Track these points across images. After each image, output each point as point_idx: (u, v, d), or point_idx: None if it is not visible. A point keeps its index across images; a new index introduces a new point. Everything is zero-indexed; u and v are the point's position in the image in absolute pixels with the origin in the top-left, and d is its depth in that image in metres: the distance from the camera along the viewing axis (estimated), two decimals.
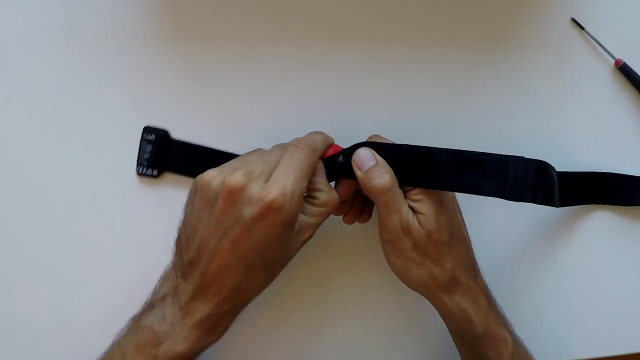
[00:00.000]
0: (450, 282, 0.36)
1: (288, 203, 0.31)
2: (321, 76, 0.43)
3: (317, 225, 0.35)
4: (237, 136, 0.42)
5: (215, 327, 0.34)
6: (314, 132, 0.38)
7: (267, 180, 0.32)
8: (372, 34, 0.44)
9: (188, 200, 0.35)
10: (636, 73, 0.46)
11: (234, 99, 0.43)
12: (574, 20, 0.46)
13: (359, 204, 0.40)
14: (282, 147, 0.35)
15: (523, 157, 0.35)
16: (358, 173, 0.36)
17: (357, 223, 0.41)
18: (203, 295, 0.33)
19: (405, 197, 0.36)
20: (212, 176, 0.33)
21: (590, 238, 0.46)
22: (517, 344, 0.38)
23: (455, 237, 0.36)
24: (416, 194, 0.35)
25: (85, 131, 0.42)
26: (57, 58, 0.41)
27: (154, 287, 0.36)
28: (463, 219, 0.38)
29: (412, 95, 0.44)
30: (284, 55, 0.43)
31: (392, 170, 0.36)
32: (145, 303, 0.35)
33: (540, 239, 0.45)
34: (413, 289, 0.38)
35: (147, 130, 0.42)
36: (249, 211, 0.31)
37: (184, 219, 0.35)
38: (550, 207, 0.37)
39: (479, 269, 0.39)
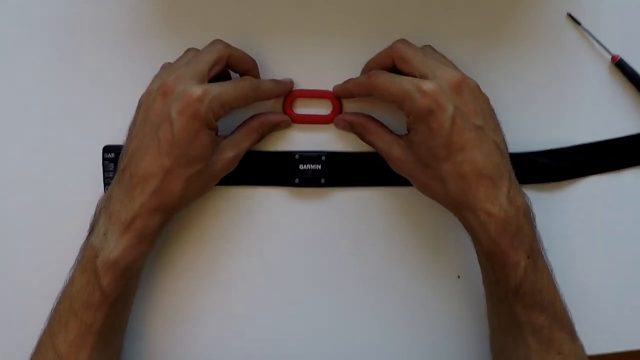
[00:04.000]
0: (455, 200, 0.37)
1: (207, 102, 0.35)
2: (314, 70, 0.43)
3: (236, 153, 0.39)
4: None
5: (144, 233, 0.36)
6: (275, 80, 0.42)
7: (199, 83, 0.36)
8: (367, 29, 0.43)
9: (133, 117, 0.38)
10: (633, 69, 0.44)
11: None
12: (570, 15, 0.44)
13: None
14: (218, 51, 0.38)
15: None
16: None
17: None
18: (130, 197, 0.35)
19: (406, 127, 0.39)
20: (151, 87, 0.37)
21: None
22: (537, 271, 0.37)
23: (454, 157, 0.36)
24: (410, 122, 0.37)
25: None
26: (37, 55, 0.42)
27: None
28: (478, 137, 0.37)
29: None
30: (272, 50, 0.43)
31: (362, 122, 0.41)
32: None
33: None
34: None
35: (107, 149, 0.42)
36: (175, 106, 0.35)
37: (127, 135, 0.38)
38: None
39: (513, 190, 0.37)
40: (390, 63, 0.39)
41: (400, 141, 0.39)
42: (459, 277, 0.44)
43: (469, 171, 0.36)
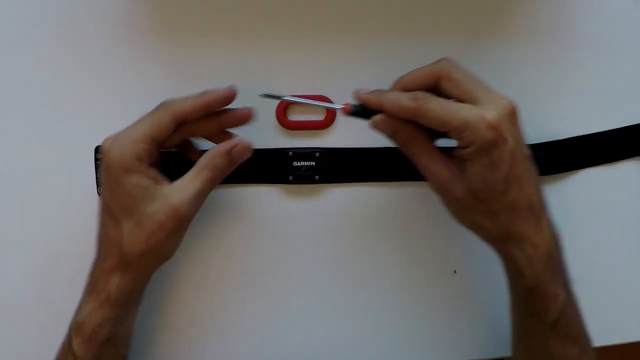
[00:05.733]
0: (504, 234, 0.35)
1: (115, 147, 0.34)
2: (308, 76, 0.43)
3: (182, 198, 0.35)
4: None
5: (103, 295, 0.35)
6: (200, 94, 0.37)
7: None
8: (361, 24, 0.43)
9: None
10: None
11: None
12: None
13: None
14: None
15: None
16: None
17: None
18: (96, 263, 0.36)
19: (456, 154, 0.35)
20: None
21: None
22: (570, 302, 0.37)
23: (511, 191, 0.34)
24: (469, 153, 0.34)
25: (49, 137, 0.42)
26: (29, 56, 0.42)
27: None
28: (528, 169, 0.35)
29: None
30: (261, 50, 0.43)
31: (410, 130, 0.36)
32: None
33: None
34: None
35: (98, 150, 0.42)
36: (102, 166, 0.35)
37: None
38: None
39: (549, 221, 0.36)
40: (432, 83, 0.36)
41: (449, 163, 0.35)
42: (455, 272, 0.44)
43: (522, 204, 0.35)
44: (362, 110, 0.36)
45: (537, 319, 0.36)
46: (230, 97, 0.36)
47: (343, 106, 0.36)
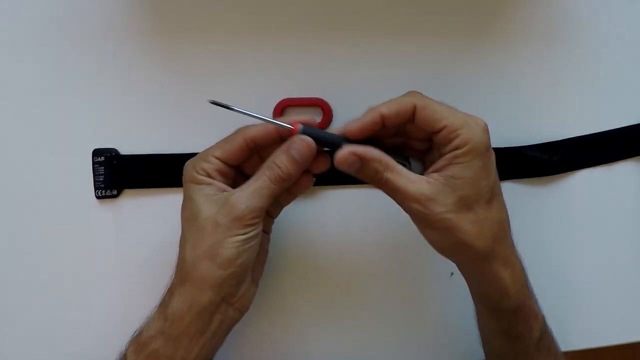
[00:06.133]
0: (491, 252, 0.34)
1: (188, 164, 0.35)
2: (304, 77, 0.43)
3: (247, 203, 0.33)
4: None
5: (162, 307, 0.35)
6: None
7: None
8: (358, 26, 0.43)
9: None
10: None
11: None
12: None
13: None
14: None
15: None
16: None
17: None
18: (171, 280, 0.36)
19: (441, 161, 0.34)
20: None
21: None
22: (545, 321, 0.37)
23: (494, 202, 0.34)
24: (463, 153, 0.33)
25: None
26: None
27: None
28: (500, 188, 0.36)
29: (398, 88, 0.42)
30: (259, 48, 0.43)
31: (378, 157, 0.34)
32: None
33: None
34: (448, 258, 0.37)
35: (96, 153, 0.42)
36: None
37: None
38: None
39: (512, 237, 0.36)
40: (410, 112, 0.34)
41: (427, 179, 0.33)
42: (452, 274, 0.44)
43: (503, 219, 0.35)
44: (314, 135, 0.34)
45: (520, 341, 0.36)
46: (306, 124, 0.35)
47: (292, 127, 0.34)
